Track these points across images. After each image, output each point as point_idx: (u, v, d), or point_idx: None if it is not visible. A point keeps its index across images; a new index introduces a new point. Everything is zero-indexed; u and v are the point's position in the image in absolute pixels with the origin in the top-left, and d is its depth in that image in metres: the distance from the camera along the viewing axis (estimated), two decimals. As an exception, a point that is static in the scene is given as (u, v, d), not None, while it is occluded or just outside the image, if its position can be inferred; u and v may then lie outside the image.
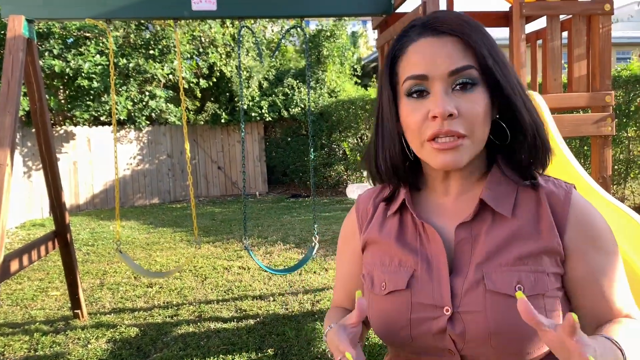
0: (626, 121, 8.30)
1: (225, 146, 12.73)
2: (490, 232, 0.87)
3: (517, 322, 0.80)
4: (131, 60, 10.12)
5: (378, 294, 0.93)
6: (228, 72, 11.83)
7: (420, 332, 0.88)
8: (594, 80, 3.32)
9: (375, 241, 0.98)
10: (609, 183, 3.34)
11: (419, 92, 0.85)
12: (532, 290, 0.83)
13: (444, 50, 0.84)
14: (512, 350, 0.83)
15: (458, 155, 0.84)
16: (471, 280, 0.85)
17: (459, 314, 0.85)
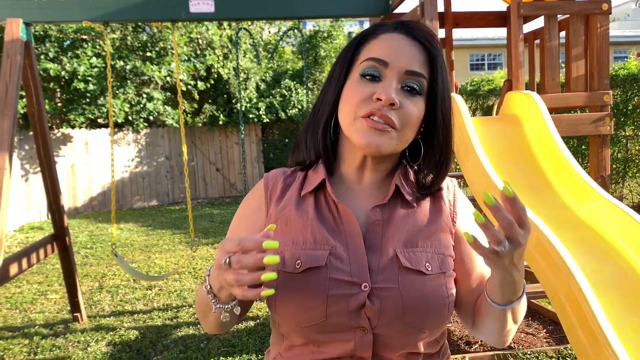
0: (624, 120, 8.32)
1: (224, 148, 12.73)
2: (400, 216, 0.96)
3: (427, 298, 0.89)
4: (128, 63, 10.12)
5: (292, 271, 0.90)
6: (225, 74, 11.83)
7: (336, 310, 0.88)
8: (592, 79, 3.33)
9: (286, 221, 0.96)
10: (608, 182, 3.34)
11: (372, 76, 0.91)
12: (438, 269, 0.92)
13: (412, 50, 0.91)
14: (420, 325, 0.89)
15: (383, 140, 0.90)
16: (386, 258, 0.91)
17: (376, 290, 0.88)
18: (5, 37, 3.33)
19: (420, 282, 0.90)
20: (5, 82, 3.21)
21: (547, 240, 2.14)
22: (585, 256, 2.30)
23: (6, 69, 3.26)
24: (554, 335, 3.59)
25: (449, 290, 0.93)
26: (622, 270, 2.25)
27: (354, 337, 0.89)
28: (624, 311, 2.10)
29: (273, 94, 12.37)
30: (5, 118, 3.15)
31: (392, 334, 0.90)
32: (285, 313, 0.90)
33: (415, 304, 0.88)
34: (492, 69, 21.00)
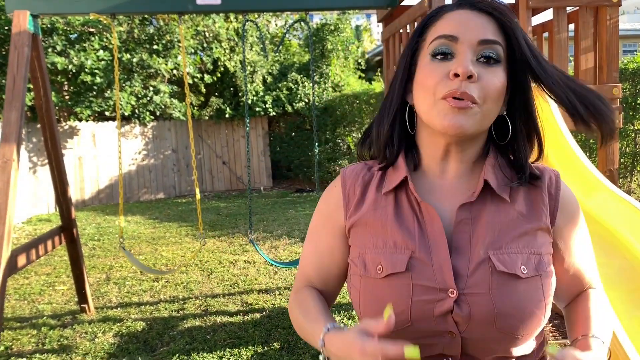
0: (632, 114, 8.25)
1: (230, 141, 12.73)
2: (490, 214, 0.89)
3: (520, 303, 0.83)
4: (135, 56, 10.12)
5: (373, 277, 0.88)
6: (232, 67, 11.82)
7: (421, 316, 0.84)
8: (601, 72, 3.30)
9: (366, 222, 0.93)
10: (616, 176, 3.32)
11: (443, 55, 0.85)
12: (535, 270, 0.86)
13: (479, 20, 0.86)
14: (513, 331, 0.84)
15: (467, 118, 0.83)
16: (476, 261, 0.85)
17: (464, 296, 0.83)
18: (12, 29, 3.34)
19: (515, 286, 0.84)
20: (12, 74, 3.22)
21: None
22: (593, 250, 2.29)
23: (14, 61, 3.27)
24: (560, 329, 3.59)
25: (546, 293, 0.87)
26: (631, 264, 2.24)
27: (440, 341, 0.86)
28: (632, 306, 2.09)
29: (280, 87, 12.35)
30: (13, 110, 3.16)
31: (482, 338, 0.85)
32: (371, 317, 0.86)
33: (509, 310, 0.83)
34: (499, 62, 20.81)
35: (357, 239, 0.94)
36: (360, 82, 14.02)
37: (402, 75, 0.92)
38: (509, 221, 0.88)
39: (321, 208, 1.03)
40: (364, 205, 0.95)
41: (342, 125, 12.33)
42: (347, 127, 12.29)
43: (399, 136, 0.94)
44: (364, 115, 11.99)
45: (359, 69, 14.79)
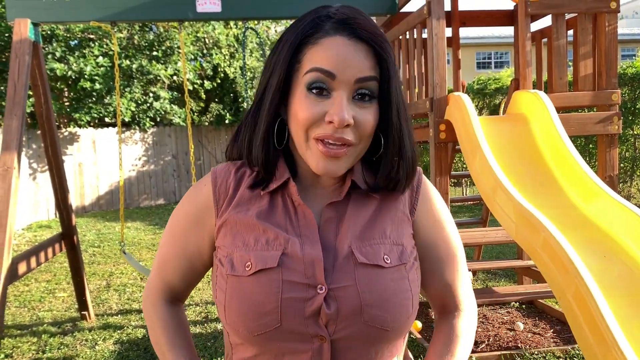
0: (632, 119, 8.27)
1: (230, 147, 12.75)
2: (355, 210, 0.91)
3: (385, 292, 0.84)
4: (135, 62, 10.15)
5: (241, 274, 0.85)
6: (232, 73, 11.85)
7: (292, 315, 0.82)
8: (600, 78, 3.31)
9: (237, 221, 0.90)
10: (616, 182, 3.32)
11: (319, 90, 0.82)
12: (398, 260, 0.87)
13: (358, 56, 0.82)
14: (381, 323, 0.84)
15: (341, 164, 0.84)
16: (341, 256, 0.86)
17: (332, 292, 0.83)
18: (13, 37, 3.35)
19: (380, 276, 0.85)
20: (13, 82, 3.24)
21: (555, 241, 2.13)
22: (592, 256, 2.29)
23: (14, 69, 3.28)
24: (561, 335, 3.58)
25: (412, 283, 0.88)
26: (630, 270, 2.24)
27: (311, 348, 0.83)
28: (631, 312, 2.09)
29: (279, 93, 12.39)
30: (14, 118, 3.17)
31: (352, 337, 0.84)
32: (236, 320, 0.84)
33: (374, 301, 0.83)
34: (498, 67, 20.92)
35: (226, 238, 0.90)
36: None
37: (274, 94, 0.87)
38: (372, 215, 0.90)
39: (188, 209, 0.96)
40: (235, 204, 0.91)
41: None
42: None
43: (273, 147, 0.90)
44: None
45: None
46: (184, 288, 1.02)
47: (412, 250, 0.92)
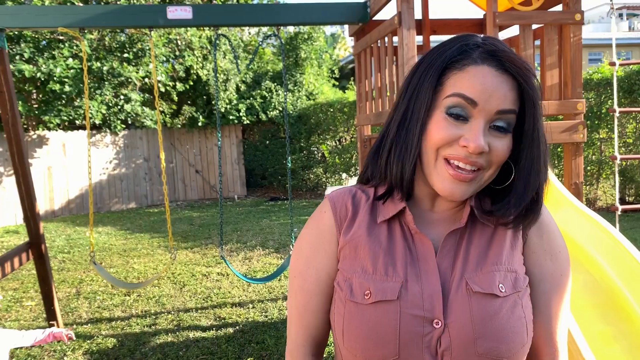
0: (598, 123, 8.48)
1: (203, 149, 12.65)
2: (471, 238, 0.90)
3: (501, 322, 0.83)
4: (105, 64, 9.99)
5: (360, 302, 0.86)
6: (204, 75, 11.75)
7: (410, 348, 0.83)
8: (566, 88, 3.39)
9: (357, 245, 0.90)
10: (581, 189, 3.40)
11: (458, 116, 0.84)
12: (512, 288, 0.86)
13: (502, 88, 0.83)
14: (498, 353, 0.83)
15: (467, 188, 0.85)
16: (456, 286, 0.86)
17: (446, 326, 0.83)
18: (-23, 43, 3.27)
19: (495, 306, 0.84)
20: (-22, 89, 3.16)
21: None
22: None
23: (-21, 75, 3.20)
24: None
25: (526, 309, 0.86)
26: (594, 279, 2.30)
27: None
28: (595, 320, 2.14)
29: (254, 95, 12.33)
30: (-22, 126, 3.09)
31: None
32: (355, 346, 0.86)
33: (488, 332, 0.82)
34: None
35: (345, 261, 0.91)
36: (334, 90, 14.09)
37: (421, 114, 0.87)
38: (487, 242, 0.90)
39: (311, 238, 0.96)
40: (356, 228, 0.92)
41: (317, 133, 12.37)
42: (322, 135, 12.33)
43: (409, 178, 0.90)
44: (337, 124, 12.04)
45: (332, 77, 14.86)
46: (325, 333, 0.99)
47: (525, 277, 0.90)
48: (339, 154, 12.07)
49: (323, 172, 12.48)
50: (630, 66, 8.07)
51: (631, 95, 8.07)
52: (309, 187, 12.67)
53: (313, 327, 0.96)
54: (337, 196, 0.97)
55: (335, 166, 12.14)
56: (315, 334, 0.97)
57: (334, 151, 12.18)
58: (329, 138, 12.27)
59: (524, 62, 0.84)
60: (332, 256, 0.93)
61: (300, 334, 0.97)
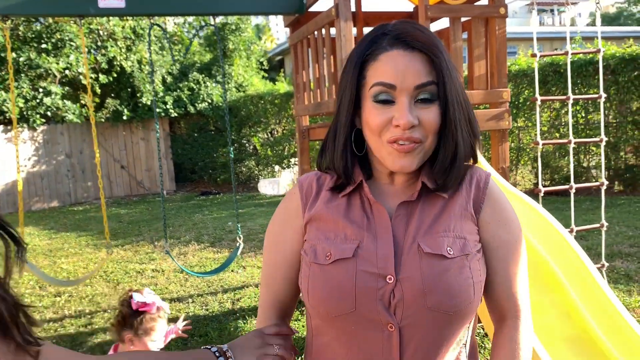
0: (516, 112, 9.01)
1: (128, 144, 12.23)
2: (424, 208, 1.00)
3: (448, 280, 0.93)
4: (21, 54, 9.41)
5: (322, 263, 0.97)
6: (129, 66, 11.35)
7: (365, 301, 0.93)
8: (492, 78, 3.59)
9: (320, 218, 1.02)
10: (508, 172, 3.63)
11: (384, 101, 0.93)
12: (460, 251, 0.96)
13: (414, 65, 0.92)
14: (443, 308, 0.92)
15: (412, 159, 0.94)
16: (408, 249, 0.95)
17: (399, 281, 0.93)
18: None
19: (442, 265, 0.93)
20: None
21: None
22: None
23: None
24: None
25: (474, 272, 0.96)
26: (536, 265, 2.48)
27: (381, 336, 0.94)
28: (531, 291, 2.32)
29: (181, 87, 12.05)
30: None
31: (418, 324, 0.93)
32: (318, 302, 0.97)
33: (436, 287, 0.92)
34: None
35: (311, 232, 1.02)
36: (264, 82, 14.03)
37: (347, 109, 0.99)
38: (438, 212, 0.99)
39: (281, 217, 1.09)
40: (319, 203, 1.04)
41: (248, 125, 12.28)
42: (253, 127, 12.26)
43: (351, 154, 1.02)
44: (269, 116, 12.01)
45: (261, 69, 14.78)
46: (290, 299, 1.11)
47: (475, 244, 0.99)
48: (271, 146, 12.05)
49: (255, 164, 12.42)
50: (544, 58, 8.61)
51: (545, 85, 8.62)
52: (241, 180, 12.57)
53: (280, 293, 1.10)
54: (304, 179, 1.09)
55: (268, 158, 12.12)
56: (282, 299, 1.11)
57: (266, 143, 12.15)
58: (261, 130, 12.22)
59: (428, 36, 0.93)
60: (299, 231, 1.05)
61: (269, 300, 1.11)
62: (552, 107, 8.96)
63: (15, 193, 10.57)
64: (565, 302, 2.37)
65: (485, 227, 1.01)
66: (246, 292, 4.78)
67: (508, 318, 1.04)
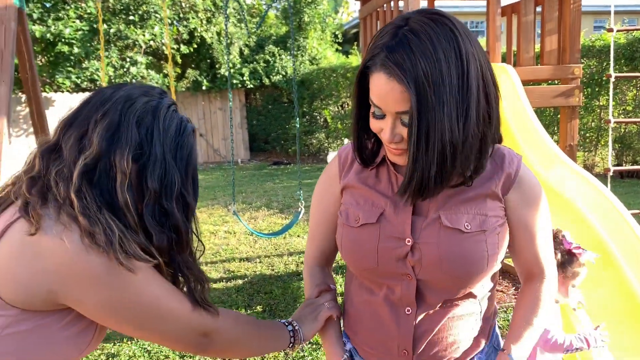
0: (599, 90, 8.55)
1: (207, 113, 12.76)
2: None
3: (462, 251, 1.06)
4: (112, 26, 10.03)
5: (352, 225, 1.14)
6: (209, 38, 11.78)
7: (385, 259, 1.09)
8: (564, 53, 3.52)
9: (353, 186, 1.18)
10: (575, 151, 3.58)
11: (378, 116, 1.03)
12: (478, 227, 1.07)
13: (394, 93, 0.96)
14: (457, 274, 1.06)
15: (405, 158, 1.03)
16: (430, 220, 1.08)
17: (417, 245, 1.07)
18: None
19: (459, 239, 1.06)
20: (0, 49, 3.30)
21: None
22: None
23: (1, 36, 3.33)
24: (521, 292, 3.87)
25: (489, 246, 1.07)
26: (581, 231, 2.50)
27: (400, 283, 1.10)
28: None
29: (257, 59, 12.37)
30: (2, 84, 3.25)
31: (434, 281, 1.08)
32: (348, 258, 1.16)
33: (451, 256, 1.05)
34: (474, 36, 20.94)
35: (345, 197, 1.19)
36: (338, 55, 14.09)
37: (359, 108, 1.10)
38: (462, 190, 1.09)
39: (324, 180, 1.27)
40: (351, 173, 1.20)
41: (319, 98, 12.45)
42: (324, 100, 12.41)
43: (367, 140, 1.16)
44: (340, 89, 12.11)
45: (335, 42, 14.84)
46: (331, 250, 1.31)
47: (497, 219, 1.09)
48: (342, 119, 12.18)
49: (325, 137, 12.61)
50: (633, 33, 8.11)
51: (632, 62, 8.13)
52: (311, 152, 12.82)
53: (322, 245, 1.30)
54: (343, 150, 1.26)
55: (338, 131, 12.27)
56: (324, 250, 1.31)
57: (337, 116, 12.28)
58: (332, 103, 12.36)
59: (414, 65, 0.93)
60: (336, 195, 1.23)
61: (313, 249, 1.33)
62: (639, 86, 8.46)
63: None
64: (620, 279, 2.38)
65: (513, 207, 1.11)
66: (310, 256, 5.01)
67: (534, 278, 1.20)
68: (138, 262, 0.92)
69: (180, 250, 1.01)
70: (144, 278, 0.94)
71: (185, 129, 1.03)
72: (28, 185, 0.92)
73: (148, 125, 0.97)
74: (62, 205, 0.89)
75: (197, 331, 1.04)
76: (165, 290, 0.99)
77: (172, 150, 0.99)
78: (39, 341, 0.92)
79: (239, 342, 1.14)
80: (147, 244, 0.95)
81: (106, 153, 0.93)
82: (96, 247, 0.87)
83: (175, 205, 0.98)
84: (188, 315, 1.02)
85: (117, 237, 0.89)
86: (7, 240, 0.89)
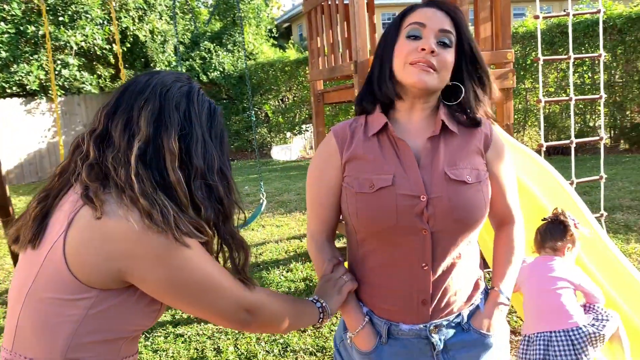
0: (523, 74, 9.12)
1: (144, 113, 12.49)
2: (446, 143, 1.28)
3: (468, 200, 1.24)
4: (40, 27, 9.65)
5: (367, 192, 1.24)
6: (142, 36, 11.54)
7: (405, 215, 1.21)
8: (497, 40, 3.80)
9: (359, 157, 1.28)
10: (512, 130, 3.87)
11: (415, 37, 1.23)
12: (475, 179, 1.26)
13: (440, 16, 1.24)
14: (465, 220, 1.23)
15: (428, 77, 1.22)
16: (437, 175, 1.24)
17: (431, 199, 1.21)
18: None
19: (464, 189, 1.23)
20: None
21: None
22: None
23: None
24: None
25: (485, 194, 1.27)
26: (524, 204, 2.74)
27: (418, 237, 1.22)
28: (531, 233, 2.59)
29: (193, 56, 12.24)
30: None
31: (445, 230, 1.22)
32: (367, 222, 1.25)
33: (460, 205, 1.22)
34: (403, 27, 21.44)
35: (352, 169, 1.29)
36: (274, 49, 14.15)
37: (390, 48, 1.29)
38: (458, 147, 1.28)
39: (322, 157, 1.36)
40: (355, 144, 1.30)
41: (259, 93, 12.48)
42: (264, 95, 12.45)
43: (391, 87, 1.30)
44: (280, 83, 12.19)
45: (270, 37, 14.89)
46: (335, 222, 1.39)
47: (484, 173, 1.29)
48: (283, 113, 12.28)
49: (267, 132, 12.67)
50: (552, 19, 8.70)
51: (552, 47, 8.72)
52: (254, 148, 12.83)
53: (326, 216, 1.38)
54: (337, 127, 1.37)
55: (279, 125, 12.36)
56: (328, 222, 1.39)
57: (277, 110, 12.36)
58: (272, 98, 12.43)
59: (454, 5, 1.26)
60: (338, 168, 1.32)
61: (318, 224, 1.40)
62: (559, 68, 9.08)
63: (37, 163, 10.96)
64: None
65: (491, 162, 1.32)
66: (267, 247, 5.11)
67: (506, 223, 1.39)
68: (191, 240, 0.99)
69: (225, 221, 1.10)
70: (197, 255, 1.01)
71: (215, 110, 1.13)
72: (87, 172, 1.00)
73: (185, 108, 1.06)
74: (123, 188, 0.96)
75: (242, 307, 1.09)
76: (216, 267, 1.06)
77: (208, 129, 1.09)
78: (119, 316, 1.00)
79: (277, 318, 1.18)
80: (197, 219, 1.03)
81: (154, 136, 1.01)
82: (155, 227, 0.94)
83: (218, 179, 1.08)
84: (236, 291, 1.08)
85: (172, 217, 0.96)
86: (76, 228, 0.96)
